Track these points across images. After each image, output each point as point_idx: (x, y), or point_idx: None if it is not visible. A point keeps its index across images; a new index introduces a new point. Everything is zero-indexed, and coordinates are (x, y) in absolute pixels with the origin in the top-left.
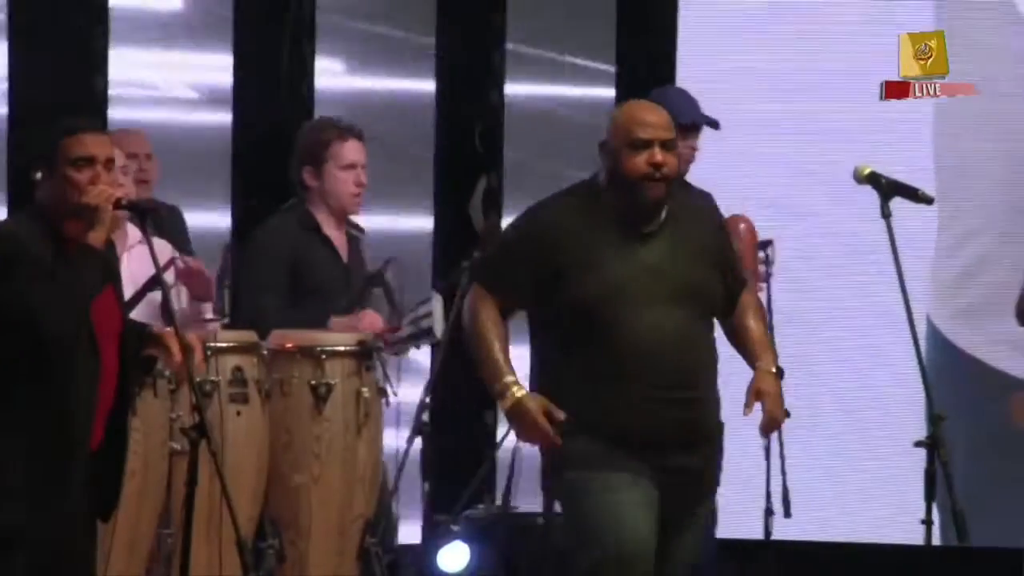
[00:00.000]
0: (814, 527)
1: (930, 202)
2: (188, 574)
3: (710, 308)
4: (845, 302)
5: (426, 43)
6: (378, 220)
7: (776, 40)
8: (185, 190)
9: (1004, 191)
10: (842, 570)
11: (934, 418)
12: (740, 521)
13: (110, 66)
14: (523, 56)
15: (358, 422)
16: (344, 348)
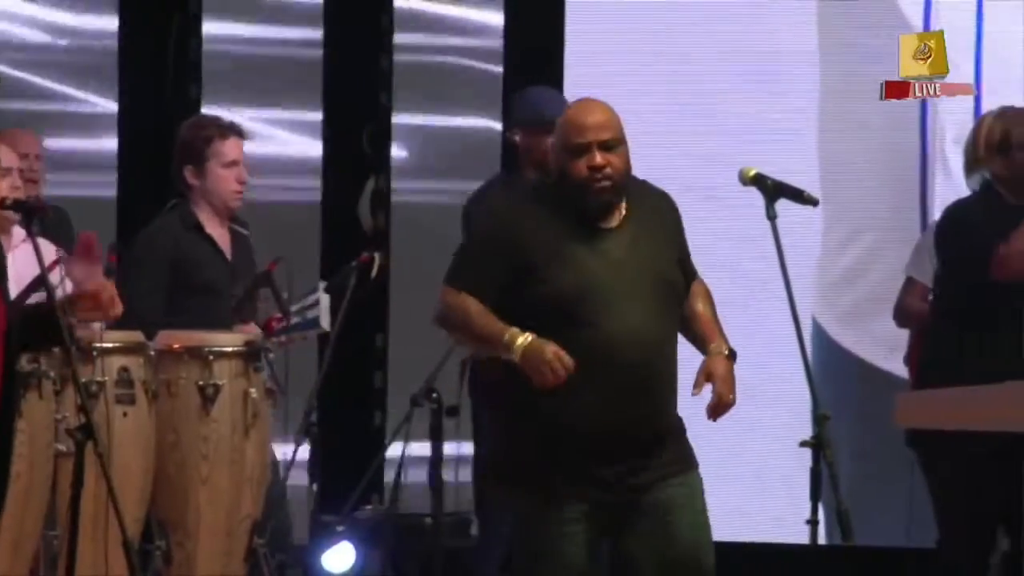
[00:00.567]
0: None
1: (815, 204)
2: (74, 575)
3: (677, 299)
4: (734, 305)
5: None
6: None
7: (672, 31)
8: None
9: (888, 191)
10: (727, 571)
11: (819, 418)
12: None
13: None
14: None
15: (246, 423)
16: (232, 349)
